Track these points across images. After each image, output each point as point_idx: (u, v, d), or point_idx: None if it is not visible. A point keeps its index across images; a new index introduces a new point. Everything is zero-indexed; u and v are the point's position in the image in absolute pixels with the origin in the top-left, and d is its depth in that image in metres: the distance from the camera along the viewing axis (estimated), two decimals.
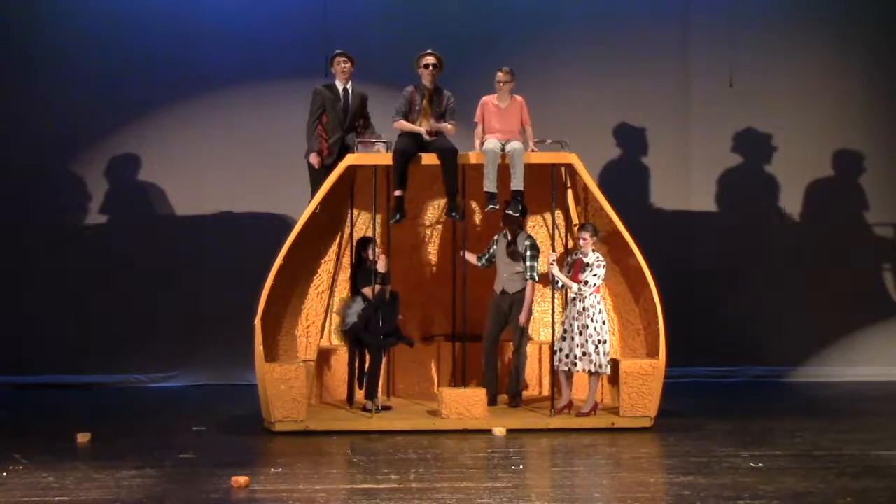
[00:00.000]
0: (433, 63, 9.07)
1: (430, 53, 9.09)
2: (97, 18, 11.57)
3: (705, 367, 11.78)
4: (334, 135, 9.36)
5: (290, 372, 8.69)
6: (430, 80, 9.11)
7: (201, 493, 6.64)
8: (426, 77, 9.10)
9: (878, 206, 12.08)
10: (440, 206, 10.18)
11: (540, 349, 10.11)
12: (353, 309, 9.22)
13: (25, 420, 9.63)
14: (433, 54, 9.08)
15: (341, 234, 9.86)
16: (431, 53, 9.09)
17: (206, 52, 11.59)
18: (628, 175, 11.94)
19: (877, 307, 12.03)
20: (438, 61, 9.08)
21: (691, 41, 11.97)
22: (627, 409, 8.86)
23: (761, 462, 7.47)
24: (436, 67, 9.08)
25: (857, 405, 10.32)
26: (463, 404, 8.76)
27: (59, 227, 11.58)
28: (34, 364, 11.39)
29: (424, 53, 9.10)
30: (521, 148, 8.95)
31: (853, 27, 12.07)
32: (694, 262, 11.88)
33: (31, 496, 6.58)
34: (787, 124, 11.99)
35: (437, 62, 9.08)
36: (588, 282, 8.81)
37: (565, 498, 6.57)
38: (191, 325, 11.46)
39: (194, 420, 9.23)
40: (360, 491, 6.69)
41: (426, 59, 9.08)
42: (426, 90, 9.11)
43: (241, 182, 11.57)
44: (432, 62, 9.07)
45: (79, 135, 11.56)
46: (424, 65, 9.08)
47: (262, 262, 9.02)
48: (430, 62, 9.07)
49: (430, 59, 9.07)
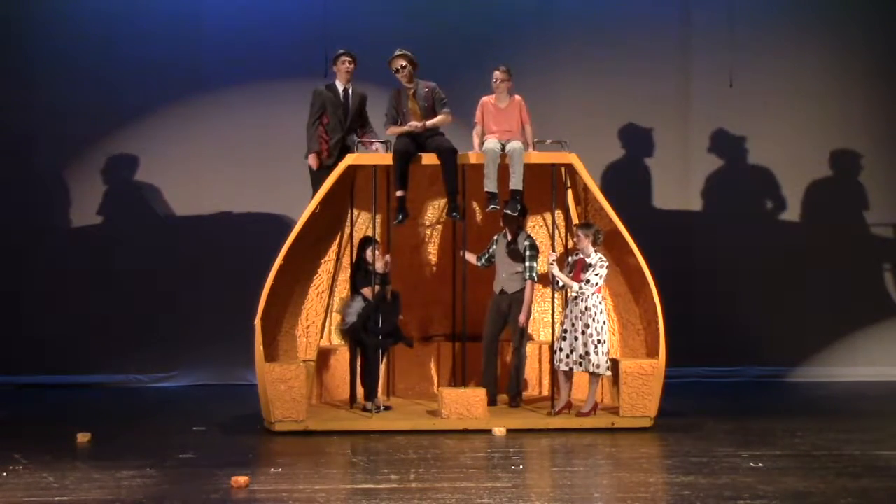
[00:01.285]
0: (402, 65, 9.00)
1: (399, 55, 9.00)
2: (97, 19, 11.57)
3: (705, 367, 11.78)
4: (335, 135, 9.37)
5: (290, 372, 8.69)
6: (407, 80, 9.07)
7: (201, 493, 6.64)
8: (401, 79, 9.08)
9: (878, 206, 12.08)
10: (440, 206, 10.18)
11: (540, 349, 10.11)
12: (352, 308, 9.21)
13: (25, 420, 9.63)
14: (402, 55, 8.99)
15: (341, 234, 9.86)
16: (400, 55, 9.00)
17: (206, 53, 11.58)
18: (628, 175, 11.94)
19: (877, 307, 12.03)
20: (409, 61, 9.01)
21: (691, 41, 11.97)
22: (627, 409, 8.86)
23: (761, 462, 7.47)
24: (406, 68, 9.01)
25: (857, 405, 10.32)
26: (463, 404, 8.76)
27: (58, 227, 11.58)
28: (34, 364, 11.39)
29: (392, 57, 9.02)
30: (520, 148, 8.95)
31: (853, 27, 12.06)
32: (694, 262, 11.88)
33: (31, 496, 6.58)
34: (787, 124, 11.99)
35: (407, 62, 8.99)
36: (590, 281, 8.80)
37: (565, 498, 6.57)
38: (191, 325, 11.46)
39: (194, 420, 9.23)
40: (360, 491, 6.69)
41: (395, 62, 9.01)
42: (407, 90, 9.11)
43: (241, 182, 11.57)
44: (401, 64, 9.00)
45: (79, 135, 11.56)
46: (395, 69, 9.04)
47: (262, 262, 9.02)
48: (399, 65, 9.01)
49: (400, 61, 8.99)
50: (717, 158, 12.02)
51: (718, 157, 12.02)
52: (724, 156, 12.02)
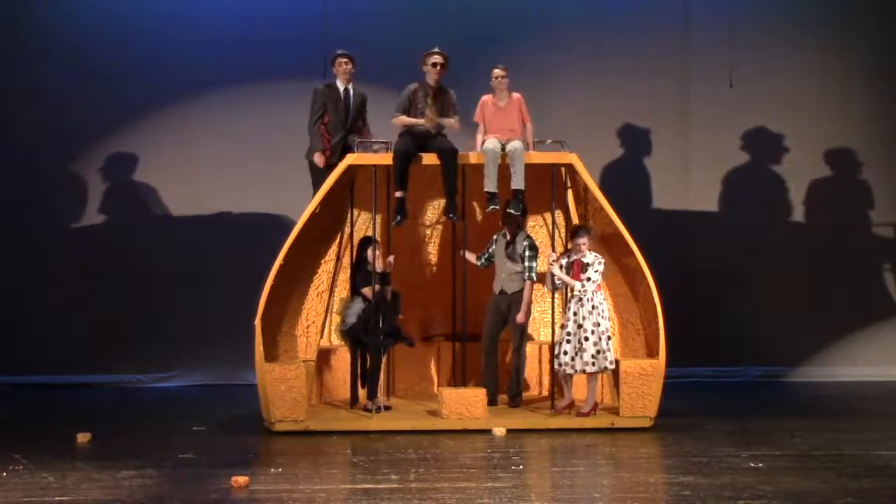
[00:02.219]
0: (440, 62, 9.05)
1: (438, 52, 9.07)
2: (96, 18, 11.56)
3: (705, 367, 11.78)
4: (336, 135, 9.37)
5: (290, 372, 8.68)
6: (436, 78, 9.10)
7: (201, 493, 6.64)
8: (432, 76, 9.09)
9: (878, 206, 12.08)
10: (440, 206, 10.17)
11: (540, 349, 10.11)
12: (352, 309, 9.21)
13: (25, 420, 9.63)
14: (440, 53, 9.07)
15: (341, 234, 9.86)
16: (439, 52, 9.07)
17: (205, 52, 11.57)
18: (628, 175, 11.94)
19: (877, 307, 12.03)
20: (445, 60, 9.07)
21: (691, 41, 11.97)
22: (627, 409, 8.86)
23: (761, 462, 7.47)
24: (443, 66, 9.07)
25: (857, 405, 10.32)
26: (463, 404, 8.76)
27: (58, 226, 11.57)
28: (34, 364, 11.39)
29: (432, 52, 9.08)
30: (521, 148, 8.95)
31: (853, 27, 12.06)
32: (694, 262, 11.88)
33: (31, 496, 6.58)
34: (787, 124, 11.99)
35: (444, 61, 9.07)
36: (591, 278, 8.80)
37: (565, 498, 6.57)
38: (191, 325, 11.45)
39: (194, 420, 9.23)
40: (360, 491, 6.69)
41: (434, 57, 9.06)
42: (431, 89, 9.11)
43: (241, 182, 11.57)
44: (440, 61, 9.05)
45: (78, 134, 11.55)
46: (432, 63, 9.06)
47: (262, 262, 9.02)
48: (437, 61, 9.05)
49: (438, 58, 9.06)
50: (717, 158, 12.02)
51: (718, 157, 12.02)
52: (724, 156, 12.02)
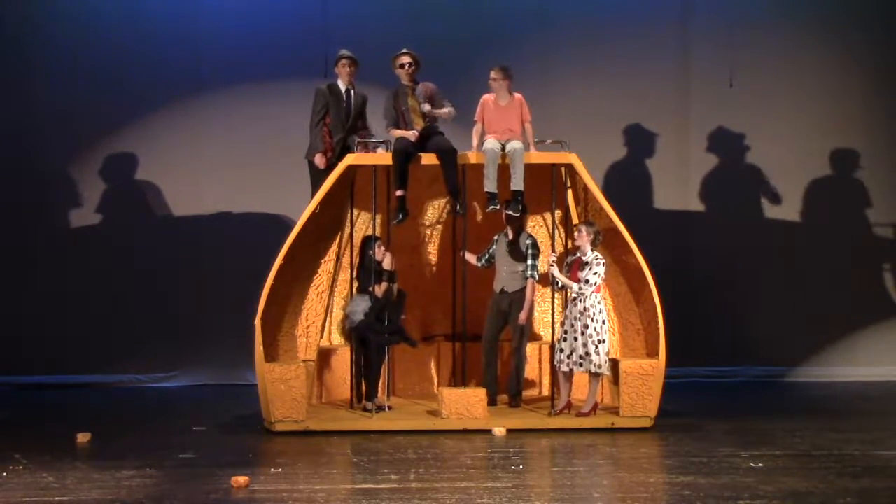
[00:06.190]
0: (408, 62, 9.08)
1: (405, 53, 9.10)
2: (96, 18, 11.56)
3: (705, 367, 11.78)
4: (336, 135, 9.37)
5: (290, 372, 8.69)
6: (409, 78, 9.13)
7: (201, 493, 6.64)
8: (404, 77, 9.14)
9: (878, 205, 12.07)
10: (440, 206, 10.18)
11: (540, 349, 10.11)
12: (359, 307, 9.21)
13: (25, 420, 9.63)
14: (408, 53, 9.10)
15: (341, 234, 9.86)
16: (406, 53, 9.10)
17: (206, 52, 11.57)
18: (628, 175, 11.94)
19: (877, 307, 12.03)
20: (414, 59, 9.09)
21: (691, 41, 11.97)
22: (627, 409, 8.86)
23: (761, 462, 7.47)
24: (411, 66, 9.09)
25: (857, 405, 10.32)
26: (463, 404, 8.76)
27: (58, 226, 11.57)
28: (34, 364, 11.39)
29: (399, 53, 9.11)
30: (521, 148, 8.95)
31: (853, 27, 12.05)
32: (694, 262, 11.88)
33: (31, 496, 6.58)
34: (787, 124, 11.99)
35: (412, 60, 9.09)
36: (588, 280, 8.80)
37: (565, 498, 6.57)
38: (191, 325, 11.46)
39: (194, 420, 9.23)
40: (360, 491, 6.69)
41: (401, 59, 9.10)
42: (407, 88, 9.13)
43: (241, 182, 11.57)
44: (408, 61, 9.09)
45: (78, 135, 11.56)
46: (400, 65, 9.11)
47: (262, 262, 9.02)
48: (405, 61, 9.09)
49: (406, 58, 9.10)
50: (717, 158, 12.01)
51: (718, 157, 12.01)
52: (724, 156, 12.02)
